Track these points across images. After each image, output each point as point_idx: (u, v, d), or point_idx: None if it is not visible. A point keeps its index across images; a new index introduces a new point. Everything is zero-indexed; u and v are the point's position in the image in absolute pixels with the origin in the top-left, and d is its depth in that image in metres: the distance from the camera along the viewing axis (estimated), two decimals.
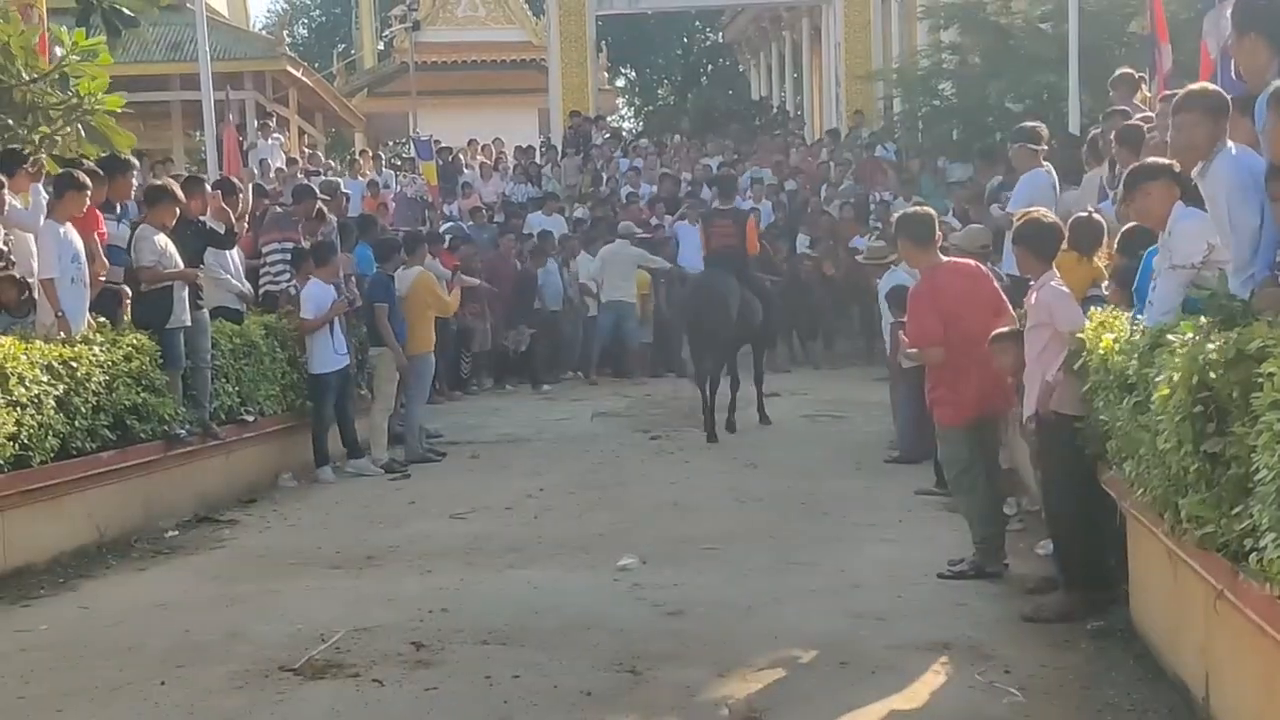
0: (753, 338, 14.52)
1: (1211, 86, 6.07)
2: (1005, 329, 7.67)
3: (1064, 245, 7.54)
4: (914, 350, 8.28)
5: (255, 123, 25.79)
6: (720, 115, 33.49)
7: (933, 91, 23.51)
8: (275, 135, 24.61)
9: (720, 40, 48.66)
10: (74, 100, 10.77)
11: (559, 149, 26.78)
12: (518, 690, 5.72)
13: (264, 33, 30.30)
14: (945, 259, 8.33)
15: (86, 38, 10.48)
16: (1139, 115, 10.24)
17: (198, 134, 29.47)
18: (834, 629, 6.74)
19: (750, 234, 14.42)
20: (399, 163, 28.80)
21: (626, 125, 46.24)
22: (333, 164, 27.53)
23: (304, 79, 30.87)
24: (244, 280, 12.28)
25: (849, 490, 10.75)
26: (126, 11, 10.75)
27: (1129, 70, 11.57)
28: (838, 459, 12.30)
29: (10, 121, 10.72)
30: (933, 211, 8.75)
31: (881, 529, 9.26)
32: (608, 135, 28.61)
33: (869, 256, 13.23)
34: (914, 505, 10.04)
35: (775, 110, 35.32)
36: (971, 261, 8.65)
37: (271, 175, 20.12)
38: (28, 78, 10.75)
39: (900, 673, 5.96)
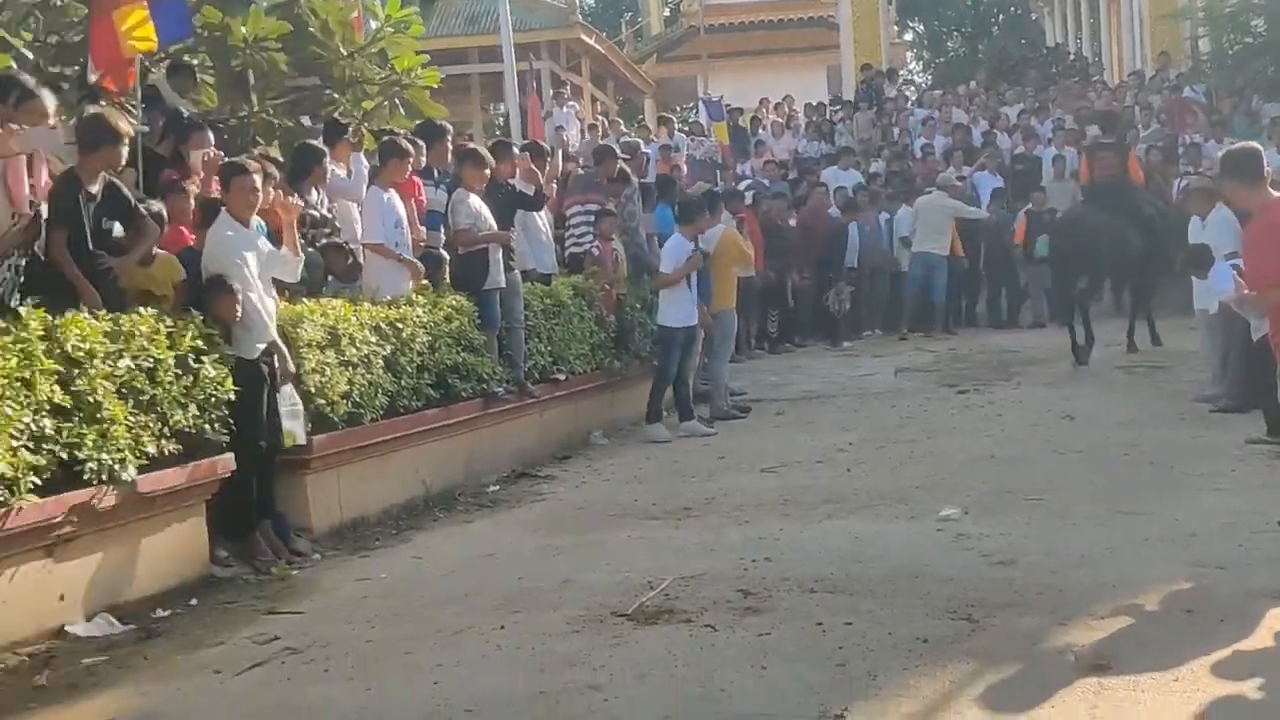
0: (1130, 269, 15.10)
1: None
2: None
3: None
4: (1251, 294, 7.79)
5: (551, 91, 26.25)
6: (1014, 64, 32.53)
7: (1244, 28, 22.36)
8: (570, 103, 25.00)
9: None
10: (392, 75, 11.15)
11: (853, 103, 26.51)
12: (851, 637, 5.64)
13: (556, 2, 30.72)
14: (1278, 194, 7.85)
15: (400, 8, 10.80)
16: None
17: (493, 107, 30.27)
18: (1174, 577, 6.45)
19: (1134, 165, 15.25)
20: (686, 127, 28.92)
21: (917, 80, 45.43)
22: (626, 131, 27.84)
23: (596, 46, 31.29)
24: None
25: (1174, 440, 10.31)
26: None
27: None
28: (1159, 409, 11.84)
29: (336, 96, 11.16)
30: (1259, 146, 8.27)
31: (1213, 478, 8.84)
32: (908, 85, 28.16)
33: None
34: (1246, 454, 9.57)
35: (1072, 57, 34.13)
36: None
37: (573, 147, 20.40)
38: (345, 53, 11.18)
39: (1253, 621, 5.66)
